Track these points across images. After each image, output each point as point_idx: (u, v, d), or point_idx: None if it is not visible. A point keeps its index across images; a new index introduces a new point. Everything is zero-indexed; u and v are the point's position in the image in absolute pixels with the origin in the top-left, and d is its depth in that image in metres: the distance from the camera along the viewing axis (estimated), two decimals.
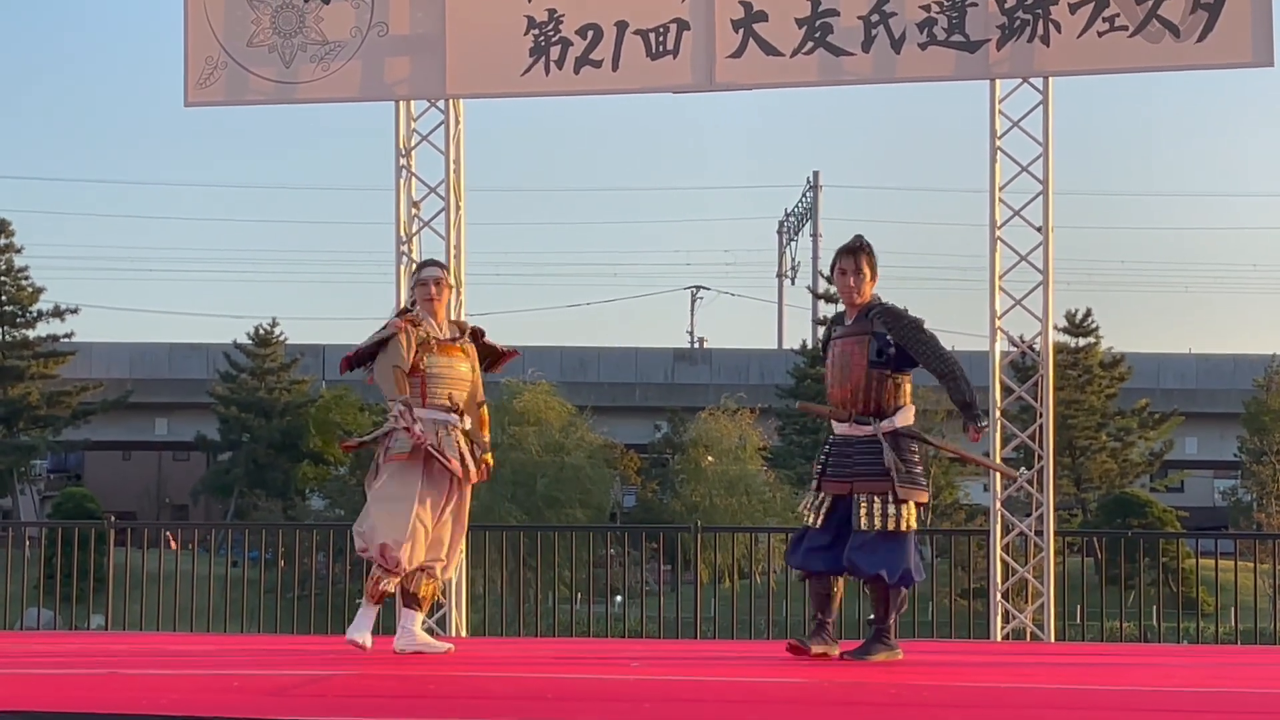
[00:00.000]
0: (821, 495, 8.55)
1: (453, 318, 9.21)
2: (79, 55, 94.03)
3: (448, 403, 8.68)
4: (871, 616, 8.82)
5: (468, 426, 8.77)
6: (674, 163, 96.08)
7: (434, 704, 6.74)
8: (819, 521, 8.51)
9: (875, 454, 8.42)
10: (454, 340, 8.86)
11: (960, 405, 8.49)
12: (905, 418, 8.55)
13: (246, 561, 23.31)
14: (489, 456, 8.94)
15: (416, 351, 8.63)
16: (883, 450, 8.41)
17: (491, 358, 9.08)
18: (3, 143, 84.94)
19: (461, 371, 8.80)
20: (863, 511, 8.39)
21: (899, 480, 8.40)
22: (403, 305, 9.27)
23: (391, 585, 8.71)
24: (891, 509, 8.41)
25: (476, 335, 9.03)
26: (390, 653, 8.83)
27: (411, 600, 8.82)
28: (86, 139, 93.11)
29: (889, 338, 8.48)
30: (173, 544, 16.34)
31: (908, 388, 8.64)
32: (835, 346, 8.64)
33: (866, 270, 8.58)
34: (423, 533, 8.59)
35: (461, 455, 8.65)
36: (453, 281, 9.25)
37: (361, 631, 8.68)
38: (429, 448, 8.49)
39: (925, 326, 8.54)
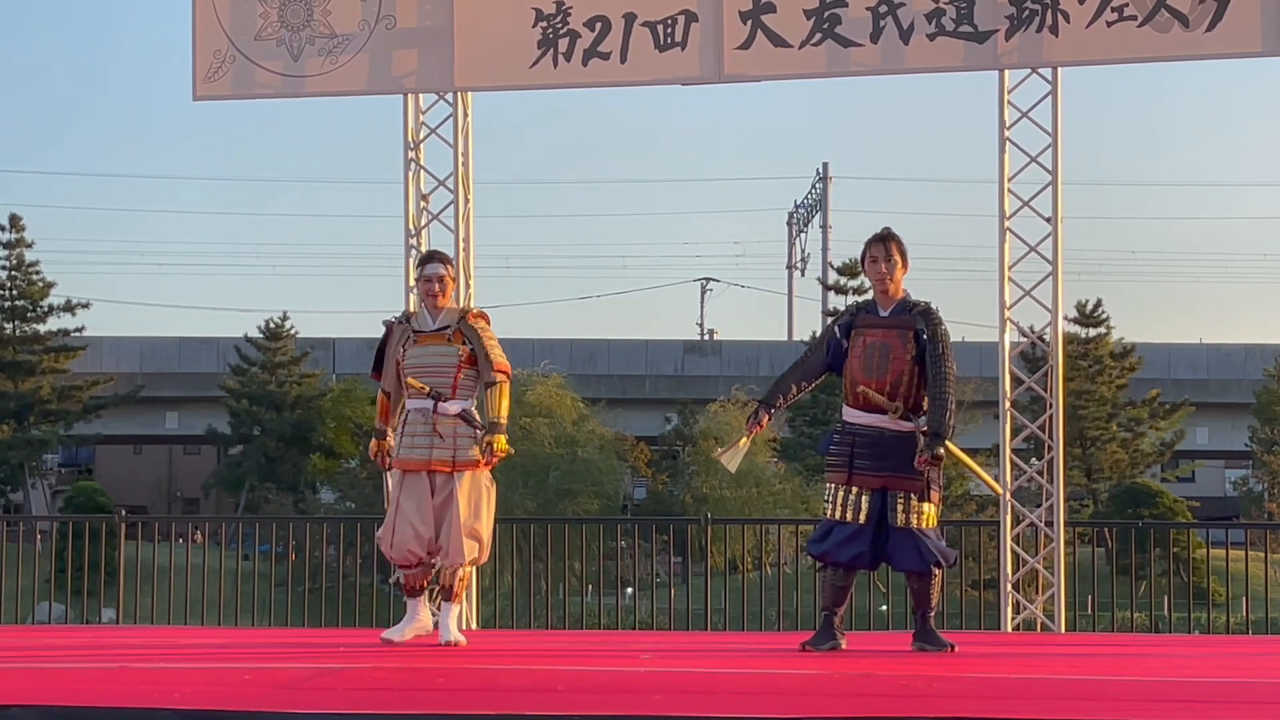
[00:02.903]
0: (855, 490, 8.49)
1: (460, 305, 9.46)
2: (88, 49, 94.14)
3: (425, 391, 8.91)
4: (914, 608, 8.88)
5: (454, 411, 8.90)
6: (683, 155, 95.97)
7: (445, 696, 6.75)
8: (861, 518, 8.48)
9: (910, 451, 8.41)
10: (442, 329, 8.98)
11: (932, 432, 8.43)
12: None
13: (257, 555, 23.33)
14: (498, 439, 8.93)
15: (402, 349, 9.01)
16: (917, 448, 8.41)
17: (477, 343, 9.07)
18: (13, 137, 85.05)
19: (441, 359, 8.97)
20: (900, 508, 8.43)
21: (931, 479, 8.47)
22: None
23: (404, 576, 9.14)
24: (926, 507, 8.48)
25: (465, 317, 9.09)
26: (401, 646, 8.95)
27: (444, 594, 9.14)
28: (96, 133, 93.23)
29: (925, 336, 8.48)
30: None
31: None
32: (864, 336, 8.57)
33: (897, 257, 8.58)
34: (404, 523, 8.97)
35: (437, 442, 8.85)
36: (455, 275, 9.51)
37: (396, 629, 9.16)
38: (387, 458, 9.07)
39: (950, 346, 8.57)
